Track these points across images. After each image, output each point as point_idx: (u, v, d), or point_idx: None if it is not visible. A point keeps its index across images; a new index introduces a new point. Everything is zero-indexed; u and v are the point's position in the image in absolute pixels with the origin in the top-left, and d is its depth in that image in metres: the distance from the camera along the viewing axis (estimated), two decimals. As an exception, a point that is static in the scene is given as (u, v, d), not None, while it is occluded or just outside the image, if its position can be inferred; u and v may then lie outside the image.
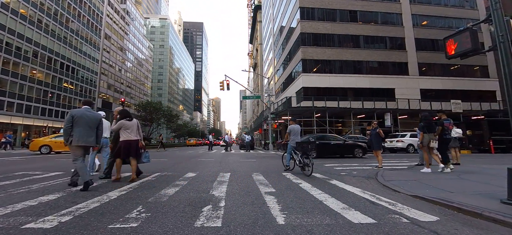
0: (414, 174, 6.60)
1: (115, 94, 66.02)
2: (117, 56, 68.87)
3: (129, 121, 5.61)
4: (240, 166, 9.33)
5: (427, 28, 33.88)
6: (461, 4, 35.59)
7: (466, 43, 3.96)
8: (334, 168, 8.62)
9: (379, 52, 32.26)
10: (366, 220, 2.94)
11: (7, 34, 37.15)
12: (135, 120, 5.81)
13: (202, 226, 2.69)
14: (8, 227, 2.61)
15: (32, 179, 5.74)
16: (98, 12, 59.67)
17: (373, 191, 4.70)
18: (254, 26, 79.03)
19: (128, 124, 5.57)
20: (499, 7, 3.75)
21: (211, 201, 3.83)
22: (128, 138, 5.51)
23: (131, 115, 5.80)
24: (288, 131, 7.69)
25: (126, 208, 3.38)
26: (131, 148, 5.48)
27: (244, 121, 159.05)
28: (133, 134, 5.59)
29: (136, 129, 5.70)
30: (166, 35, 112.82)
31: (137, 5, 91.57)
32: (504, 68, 3.65)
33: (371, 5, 33.19)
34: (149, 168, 8.19)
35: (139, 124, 5.93)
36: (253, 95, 38.72)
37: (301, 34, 31.22)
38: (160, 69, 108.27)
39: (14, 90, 38.84)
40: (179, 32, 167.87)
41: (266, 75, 56.70)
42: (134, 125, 5.68)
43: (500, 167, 8.03)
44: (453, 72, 33.14)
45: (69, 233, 2.48)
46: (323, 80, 30.45)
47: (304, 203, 3.79)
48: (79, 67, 52.77)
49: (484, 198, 3.83)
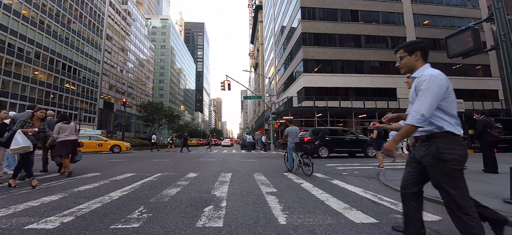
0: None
1: (116, 94, 66.23)
2: (119, 56, 69.08)
3: (66, 124, 6.52)
4: (241, 166, 9.33)
5: (428, 27, 33.76)
6: (463, 3, 35.45)
7: (468, 43, 3.94)
8: (335, 168, 8.61)
9: (380, 52, 32.17)
10: (368, 220, 2.94)
11: (9, 35, 37.37)
12: (72, 122, 6.71)
13: (204, 226, 2.70)
14: (11, 228, 2.62)
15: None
16: (99, 13, 59.90)
17: (375, 191, 4.69)
18: (255, 26, 79.05)
19: (65, 126, 6.47)
20: (501, 6, 3.73)
21: (212, 201, 3.83)
22: (66, 138, 6.36)
23: (68, 119, 6.71)
24: (285, 133, 7.69)
25: (128, 209, 3.39)
26: (68, 147, 6.35)
27: (245, 121, 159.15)
28: (71, 135, 6.47)
29: (73, 130, 6.60)
30: (167, 36, 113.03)
31: (138, 6, 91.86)
32: (506, 67, 3.63)
33: (373, 5, 33.11)
34: (150, 168, 8.22)
35: (75, 126, 6.82)
36: (254, 96, 38.72)
37: (302, 34, 31.20)
38: (161, 69, 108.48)
39: (17, 91, 39.06)
40: (181, 33, 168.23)
41: (268, 75, 56.68)
42: (71, 127, 6.56)
43: (502, 167, 7.98)
44: (455, 72, 32.98)
45: (71, 233, 2.49)
46: (325, 80, 30.41)
47: (305, 203, 3.79)
48: (80, 68, 53.00)
49: (486, 197, 3.81)
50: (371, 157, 13.40)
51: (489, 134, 6.39)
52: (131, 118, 71.70)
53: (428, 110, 1.79)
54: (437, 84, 1.82)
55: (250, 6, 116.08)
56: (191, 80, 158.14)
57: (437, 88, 1.81)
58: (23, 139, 4.70)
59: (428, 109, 1.79)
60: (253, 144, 26.96)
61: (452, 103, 1.89)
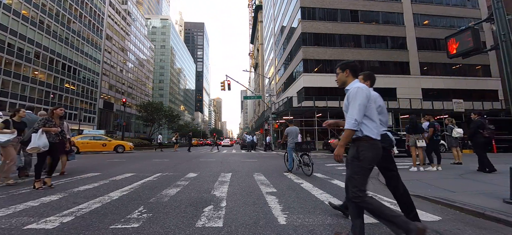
0: (416, 174, 6.58)
1: (116, 94, 66.20)
2: (119, 56, 69.05)
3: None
4: (241, 166, 9.33)
5: (428, 27, 33.76)
6: (463, 3, 35.45)
7: (468, 43, 3.94)
8: (335, 168, 8.61)
9: (380, 52, 32.17)
10: (368, 220, 2.93)
11: (9, 35, 37.36)
12: (65, 122, 6.30)
13: (204, 226, 2.70)
14: (11, 228, 2.62)
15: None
16: (99, 12, 59.88)
17: (375, 191, 4.69)
18: (255, 26, 79.05)
19: None
20: (501, 6, 3.73)
21: (212, 201, 3.83)
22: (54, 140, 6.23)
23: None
24: (285, 133, 7.70)
25: (128, 209, 3.39)
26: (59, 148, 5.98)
27: (245, 121, 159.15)
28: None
29: (66, 129, 6.32)
30: (167, 36, 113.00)
31: (138, 6, 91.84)
32: (506, 67, 3.63)
33: (373, 5, 33.11)
34: (150, 168, 8.21)
35: (68, 125, 6.70)
36: (254, 96, 38.71)
37: (302, 34, 31.20)
38: (161, 69, 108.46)
39: (16, 91, 39.05)
40: (180, 33, 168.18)
41: (267, 75, 56.68)
42: (64, 127, 6.33)
43: (502, 167, 7.99)
44: (454, 72, 33.01)
45: (71, 233, 2.49)
46: (324, 80, 30.39)
47: (305, 203, 3.79)
48: (80, 68, 52.99)
49: (486, 197, 3.81)
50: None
51: (481, 134, 6.70)
52: (131, 118, 71.67)
53: (359, 116, 2.15)
54: (362, 95, 2.19)
55: (250, 6, 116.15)
56: (191, 80, 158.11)
57: (363, 98, 2.18)
58: (40, 139, 4.69)
59: (359, 114, 2.15)
60: (253, 144, 26.96)
61: (373, 111, 2.26)
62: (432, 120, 7.95)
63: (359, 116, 2.15)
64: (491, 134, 6.75)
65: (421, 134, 7.47)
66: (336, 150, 2.25)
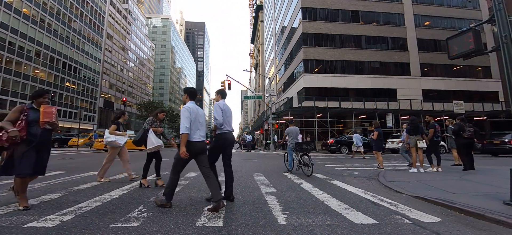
0: (416, 175, 6.57)
1: (117, 94, 66.20)
2: (119, 55, 69.05)
3: None
4: (241, 166, 9.33)
5: (429, 28, 33.72)
6: (464, 4, 35.41)
7: (469, 44, 3.94)
8: (335, 168, 8.61)
9: (381, 53, 32.14)
10: (368, 221, 2.93)
11: (10, 34, 37.36)
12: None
13: (204, 226, 2.69)
14: (11, 226, 2.62)
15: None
16: (100, 11, 59.86)
17: (375, 192, 4.69)
18: (256, 26, 79.02)
19: None
20: (503, 7, 3.72)
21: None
22: None
23: None
24: (285, 133, 7.70)
25: (128, 208, 3.39)
26: None
27: (245, 120, 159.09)
28: None
29: None
30: (168, 35, 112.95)
31: (139, 5, 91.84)
32: (507, 69, 3.62)
33: (373, 6, 33.08)
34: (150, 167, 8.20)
35: None
36: (255, 96, 38.70)
37: (302, 34, 31.18)
38: (161, 69, 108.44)
39: (17, 90, 39.05)
40: (181, 32, 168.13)
41: (268, 75, 56.66)
42: None
43: (502, 168, 7.99)
44: (455, 73, 32.97)
45: (71, 232, 2.49)
46: (325, 81, 30.39)
47: (305, 203, 3.79)
48: (81, 66, 52.96)
49: (486, 199, 3.81)
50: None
51: (462, 136, 7.41)
52: (131, 117, 71.66)
53: (185, 125, 3.28)
54: (186, 111, 3.36)
55: (250, 6, 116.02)
56: (192, 80, 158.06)
57: (187, 113, 3.35)
58: (155, 138, 4.98)
59: (185, 123, 3.28)
60: (252, 144, 26.95)
61: (194, 121, 3.38)
62: (432, 121, 7.96)
63: (185, 125, 3.27)
64: (471, 135, 7.31)
65: (421, 135, 7.47)
66: (180, 148, 3.26)
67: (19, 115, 3.23)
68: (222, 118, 3.86)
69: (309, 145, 7.19)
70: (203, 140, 3.50)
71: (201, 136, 3.46)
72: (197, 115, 3.43)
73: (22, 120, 3.21)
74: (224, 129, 3.90)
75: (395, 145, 18.95)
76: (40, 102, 3.39)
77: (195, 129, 3.39)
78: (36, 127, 3.27)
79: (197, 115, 3.44)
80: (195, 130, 3.39)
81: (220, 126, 3.90)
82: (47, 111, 3.36)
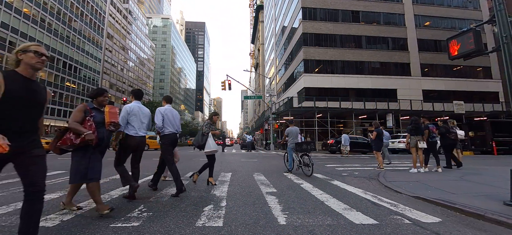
0: (416, 175, 6.57)
1: (117, 93, 66.21)
2: (119, 55, 69.06)
3: None
4: (241, 166, 9.33)
5: (429, 28, 33.70)
6: (464, 4, 35.38)
7: (469, 44, 3.93)
8: (335, 169, 8.61)
9: (381, 53, 32.13)
10: (368, 221, 2.93)
11: (10, 33, 37.37)
12: None
13: (204, 226, 2.70)
14: (11, 225, 2.63)
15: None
16: (100, 11, 59.86)
17: (375, 192, 4.69)
18: (256, 26, 79.03)
19: None
20: (503, 8, 3.72)
21: (212, 201, 3.83)
22: None
23: None
24: (286, 133, 7.69)
25: (128, 207, 3.39)
26: None
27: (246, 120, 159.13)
28: None
29: None
30: (168, 35, 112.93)
31: (139, 5, 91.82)
32: (507, 70, 3.62)
33: (374, 6, 33.07)
34: (150, 167, 8.21)
35: None
36: (255, 96, 38.72)
37: (303, 35, 31.17)
38: (162, 68, 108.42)
39: (17, 89, 39.01)
40: (181, 32, 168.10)
41: (268, 75, 56.65)
42: None
43: (502, 169, 7.99)
44: (455, 73, 32.95)
45: (71, 232, 2.49)
46: (325, 81, 30.39)
47: (305, 203, 3.78)
48: (81, 66, 52.96)
49: (486, 199, 3.81)
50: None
51: (448, 137, 7.93)
52: (131, 116, 71.65)
53: (122, 121, 3.78)
54: (124, 111, 3.87)
55: (251, 6, 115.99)
56: (192, 80, 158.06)
57: (124, 113, 3.86)
58: (213, 142, 5.21)
59: (121, 121, 3.77)
60: (252, 144, 26.94)
61: (132, 119, 3.89)
62: (426, 123, 8.04)
63: (122, 121, 3.76)
64: (455, 137, 8.01)
65: (422, 135, 7.46)
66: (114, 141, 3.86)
67: (84, 116, 3.02)
68: (161, 122, 4.37)
69: (309, 145, 7.19)
70: (144, 136, 4.01)
71: (141, 132, 3.95)
72: (138, 114, 3.96)
73: (89, 120, 3.01)
74: (166, 131, 4.41)
75: (395, 145, 18.96)
76: (101, 102, 3.26)
77: (134, 125, 3.90)
78: (103, 129, 3.14)
79: (138, 114, 3.96)
80: (134, 125, 3.90)
81: (160, 129, 4.39)
82: (113, 111, 3.25)
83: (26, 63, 1.88)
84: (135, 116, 3.90)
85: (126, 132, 3.82)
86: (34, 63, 1.90)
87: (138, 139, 3.90)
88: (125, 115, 3.83)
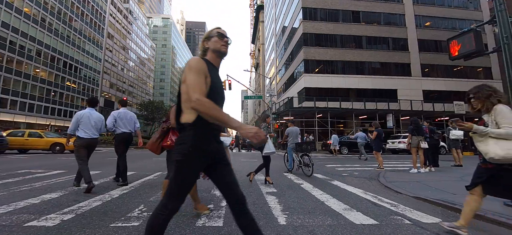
0: (416, 176, 6.57)
1: (117, 93, 66.23)
2: (120, 55, 69.08)
3: None
4: (242, 165, 9.33)
5: (430, 29, 33.68)
6: (465, 5, 35.34)
7: (470, 45, 3.94)
8: (335, 169, 8.61)
9: (381, 53, 32.11)
10: (368, 221, 2.93)
11: (10, 33, 37.40)
12: None
13: (204, 226, 2.70)
14: (11, 225, 2.63)
15: (35, 177, 5.78)
16: (101, 11, 59.89)
17: (375, 192, 4.68)
18: (257, 26, 79.02)
19: None
20: (504, 8, 3.72)
21: (212, 201, 3.83)
22: None
23: None
24: (286, 133, 7.69)
25: (128, 207, 3.39)
26: None
27: (246, 120, 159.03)
28: None
29: None
30: (168, 35, 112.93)
31: (140, 5, 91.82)
32: (508, 70, 3.62)
33: (374, 6, 33.04)
34: (150, 167, 8.23)
35: None
36: (255, 96, 38.72)
37: (303, 35, 31.16)
38: (162, 68, 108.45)
39: (17, 89, 39.10)
40: (182, 32, 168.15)
41: (268, 75, 56.63)
42: None
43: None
44: (456, 74, 32.92)
45: (71, 231, 2.49)
46: (325, 81, 30.37)
47: (305, 203, 3.78)
48: (82, 66, 52.99)
49: (486, 200, 3.79)
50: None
51: (432, 137, 8.46)
52: (131, 116, 71.66)
53: (73, 127, 4.54)
54: (77, 116, 4.55)
55: (251, 6, 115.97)
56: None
57: (76, 118, 4.53)
58: (271, 144, 5.42)
59: (71, 127, 4.55)
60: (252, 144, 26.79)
61: (83, 123, 4.54)
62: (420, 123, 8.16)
63: (73, 127, 4.52)
64: (439, 137, 9.10)
65: (423, 135, 7.51)
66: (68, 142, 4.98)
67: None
68: (113, 124, 5.05)
69: (309, 145, 7.19)
70: (94, 138, 4.67)
71: (92, 133, 4.62)
72: (89, 118, 4.62)
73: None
74: (118, 131, 5.10)
75: (395, 145, 18.95)
76: None
77: (85, 128, 4.56)
78: None
79: (89, 118, 4.62)
80: (85, 128, 4.56)
81: (111, 130, 5.12)
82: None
83: (212, 50, 1.73)
84: (88, 121, 4.61)
85: (78, 134, 4.52)
86: (219, 47, 1.73)
87: (89, 141, 4.60)
88: (76, 121, 4.55)
